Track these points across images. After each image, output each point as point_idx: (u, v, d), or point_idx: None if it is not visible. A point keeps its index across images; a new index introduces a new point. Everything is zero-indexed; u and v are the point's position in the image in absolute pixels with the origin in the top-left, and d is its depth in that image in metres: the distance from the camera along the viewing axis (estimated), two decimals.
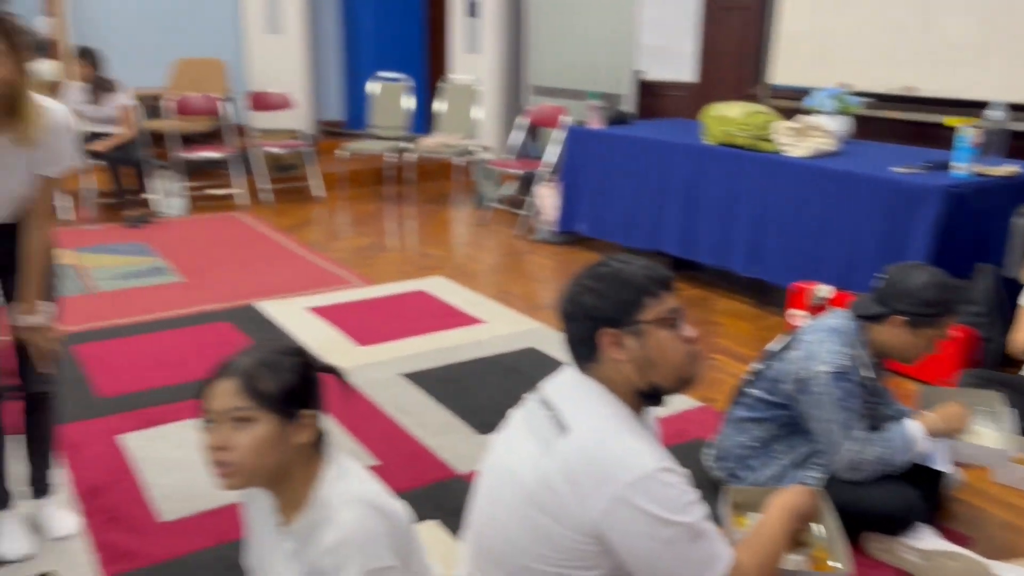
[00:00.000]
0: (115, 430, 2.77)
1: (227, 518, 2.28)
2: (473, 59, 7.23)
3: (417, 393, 3.11)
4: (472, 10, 7.13)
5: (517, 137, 6.15)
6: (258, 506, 1.51)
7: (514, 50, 7.28)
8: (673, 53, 5.72)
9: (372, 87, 6.95)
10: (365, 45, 7.99)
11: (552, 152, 5.68)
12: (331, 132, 8.04)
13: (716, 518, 1.71)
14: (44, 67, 5.90)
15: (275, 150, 6.55)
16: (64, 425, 2.60)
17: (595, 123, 5.04)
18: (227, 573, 2.05)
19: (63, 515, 2.23)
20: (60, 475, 2.33)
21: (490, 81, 7.08)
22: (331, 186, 6.82)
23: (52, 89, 5.55)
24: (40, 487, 2.21)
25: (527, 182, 6.09)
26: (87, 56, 5.50)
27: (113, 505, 2.35)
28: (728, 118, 4.13)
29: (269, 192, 6.49)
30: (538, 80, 6.59)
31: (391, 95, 6.87)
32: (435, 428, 2.84)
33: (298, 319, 3.88)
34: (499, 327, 3.84)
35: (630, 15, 5.85)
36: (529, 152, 6.06)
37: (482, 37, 7.17)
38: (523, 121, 6.17)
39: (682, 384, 1.52)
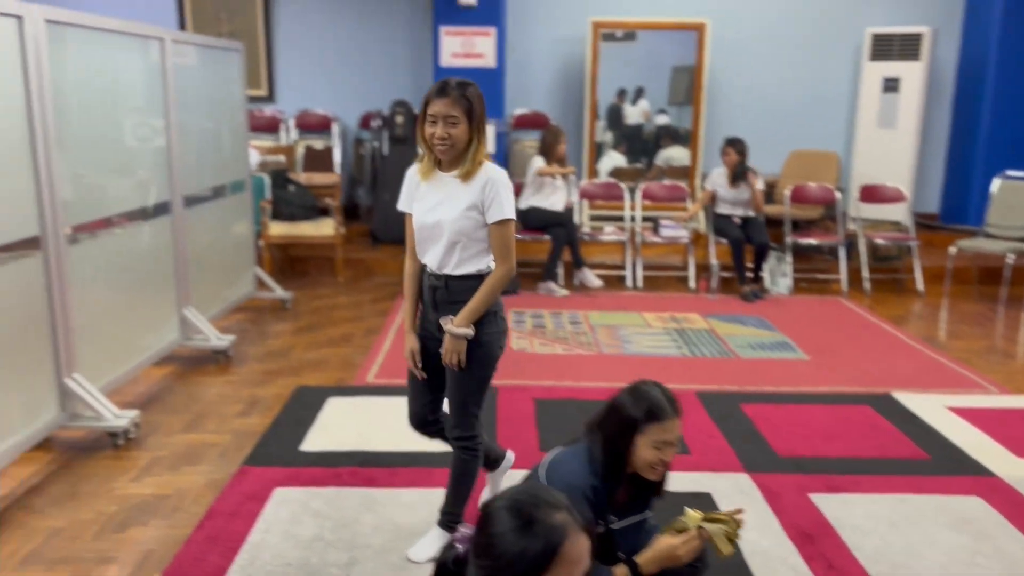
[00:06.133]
0: (805, 488, 3.17)
1: None
2: None
3: None
4: None
5: None
6: None
7: None
8: None
9: (995, 184, 6.66)
10: (976, 140, 7.70)
11: None
12: (926, 225, 7.89)
13: None
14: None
15: (880, 241, 6.69)
16: (758, 474, 3.10)
17: None
18: None
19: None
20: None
21: None
22: (931, 281, 6.71)
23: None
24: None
25: None
26: (736, 145, 6.24)
27: (826, 554, 2.71)
28: None
29: (867, 280, 6.63)
30: None
31: (1015, 193, 6.52)
32: None
33: (940, 416, 3.94)
34: None
35: None
36: None
37: None
38: None
39: None
